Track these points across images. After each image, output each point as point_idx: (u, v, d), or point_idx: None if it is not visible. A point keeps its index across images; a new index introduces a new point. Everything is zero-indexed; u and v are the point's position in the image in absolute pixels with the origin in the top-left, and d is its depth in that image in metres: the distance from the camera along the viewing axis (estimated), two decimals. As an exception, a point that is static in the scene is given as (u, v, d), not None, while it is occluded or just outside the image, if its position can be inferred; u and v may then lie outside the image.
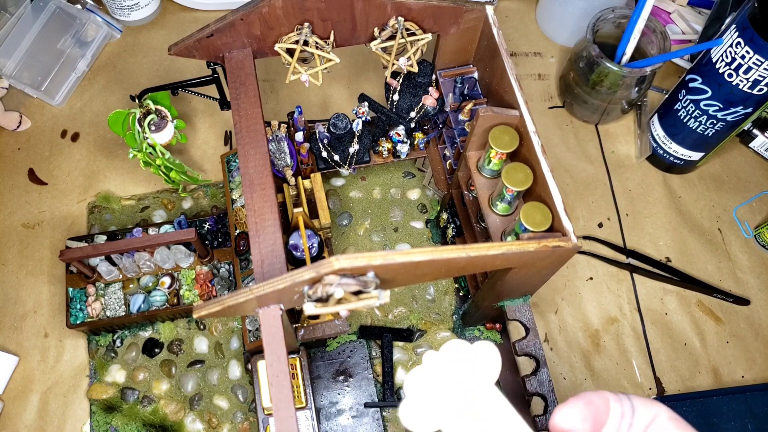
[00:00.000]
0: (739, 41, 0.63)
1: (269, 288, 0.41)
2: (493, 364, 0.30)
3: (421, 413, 0.30)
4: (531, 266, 0.50)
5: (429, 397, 0.30)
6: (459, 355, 0.31)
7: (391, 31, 0.58)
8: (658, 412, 0.28)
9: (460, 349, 0.31)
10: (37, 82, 0.80)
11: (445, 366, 0.31)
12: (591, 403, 0.28)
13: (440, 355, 0.31)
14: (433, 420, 0.30)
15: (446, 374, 0.31)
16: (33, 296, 0.72)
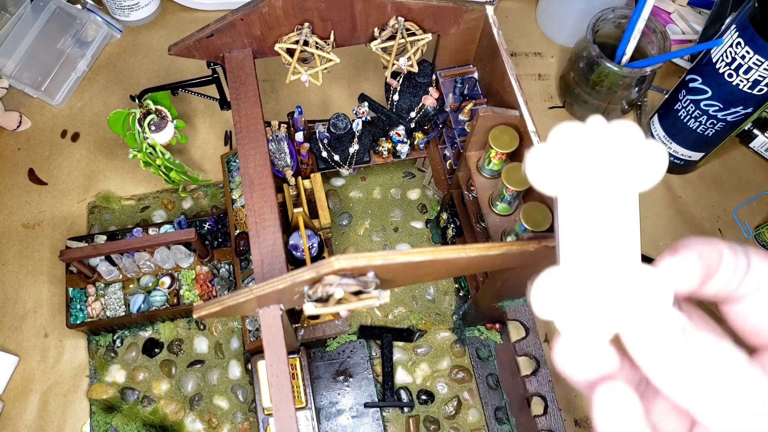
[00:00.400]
0: (739, 41, 0.62)
1: (269, 288, 0.41)
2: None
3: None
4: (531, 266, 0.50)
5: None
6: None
7: (391, 31, 0.58)
8: None
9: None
10: (37, 82, 0.80)
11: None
12: (703, 257, 0.24)
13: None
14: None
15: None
16: (33, 296, 0.72)
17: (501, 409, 0.67)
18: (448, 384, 0.69)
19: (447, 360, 0.70)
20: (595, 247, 0.24)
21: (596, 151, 0.23)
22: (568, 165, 0.23)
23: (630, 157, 0.23)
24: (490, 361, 0.69)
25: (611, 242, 0.24)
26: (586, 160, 0.23)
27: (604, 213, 0.24)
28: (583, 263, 0.24)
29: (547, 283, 0.24)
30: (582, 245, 0.24)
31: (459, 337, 0.71)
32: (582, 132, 0.23)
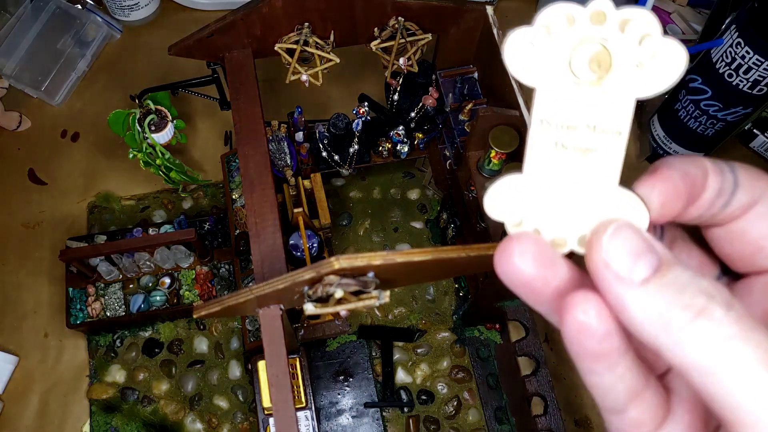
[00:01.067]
0: (739, 41, 0.62)
1: (269, 288, 0.41)
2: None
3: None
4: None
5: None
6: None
7: (391, 31, 0.58)
8: (765, 191, 0.22)
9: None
10: (37, 82, 0.80)
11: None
12: (687, 175, 0.21)
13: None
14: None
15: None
16: (33, 296, 0.72)
17: (501, 409, 0.67)
18: (448, 384, 0.69)
19: (447, 360, 0.70)
20: (569, 157, 0.21)
21: (593, 40, 0.20)
22: (556, 52, 0.20)
23: (636, 53, 0.20)
24: (490, 361, 0.69)
25: (589, 155, 0.21)
26: (577, 50, 0.20)
27: (589, 118, 0.21)
28: (551, 172, 0.21)
29: (505, 188, 0.21)
30: (554, 153, 0.21)
31: (459, 337, 0.71)
32: (578, 17, 0.20)
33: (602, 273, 0.19)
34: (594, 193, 0.21)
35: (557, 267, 0.20)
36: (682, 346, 0.18)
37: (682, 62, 0.19)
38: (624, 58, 0.20)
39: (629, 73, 0.20)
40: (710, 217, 0.22)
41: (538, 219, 0.22)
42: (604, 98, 0.20)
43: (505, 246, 0.20)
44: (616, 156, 0.21)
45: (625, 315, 0.19)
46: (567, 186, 0.21)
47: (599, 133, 0.21)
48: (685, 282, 0.19)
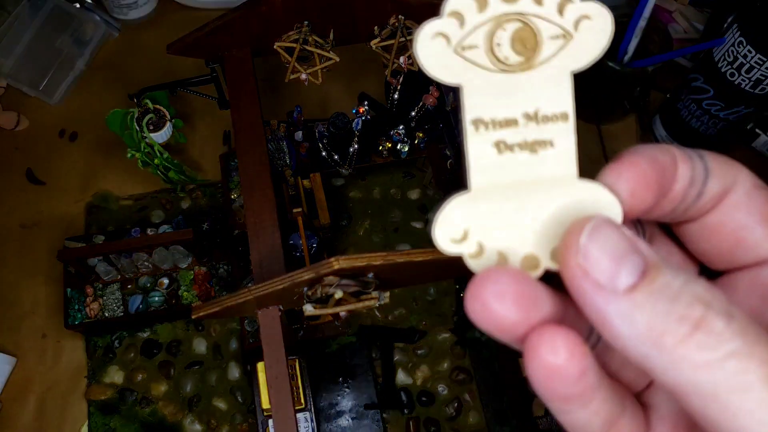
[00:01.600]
0: (741, 40, 0.62)
1: (268, 289, 0.41)
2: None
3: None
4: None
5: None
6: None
7: (391, 30, 0.58)
8: (738, 178, 0.20)
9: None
10: (35, 81, 0.80)
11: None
12: (656, 161, 0.19)
13: None
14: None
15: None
16: (31, 296, 0.71)
17: (502, 411, 0.67)
18: (448, 385, 0.68)
19: (447, 361, 0.69)
20: (516, 158, 0.19)
21: (510, 21, 0.18)
22: (473, 40, 0.18)
23: (559, 23, 0.18)
24: (491, 363, 0.69)
25: (538, 150, 0.19)
26: (496, 33, 0.18)
27: (527, 106, 0.19)
28: (501, 181, 0.19)
29: (454, 214, 0.19)
30: (498, 157, 0.19)
31: (460, 338, 0.70)
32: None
33: (580, 283, 0.17)
34: (555, 193, 0.19)
35: (540, 303, 0.18)
36: (679, 367, 0.15)
37: (608, 24, 0.18)
38: (548, 32, 0.18)
39: (558, 46, 0.18)
40: (683, 211, 0.20)
41: (499, 240, 0.19)
42: (538, 80, 0.19)
43: (477, 288, 0.17)
44: (568, 143, 0.19)
45: (609, 331, 0.16)
46: (523, 193, 0.19)
47: (542, 121, 0.19)
48: (677, 288, 0.16)
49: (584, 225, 0.17)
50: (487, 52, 0.18)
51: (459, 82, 0.18)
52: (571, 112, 0.19)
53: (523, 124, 0.19)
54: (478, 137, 0.19)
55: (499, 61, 0.18)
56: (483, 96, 0.19)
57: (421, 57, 0.18)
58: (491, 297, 0.17)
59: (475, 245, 0.19)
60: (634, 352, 0.16)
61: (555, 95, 0.19)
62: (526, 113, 0.19)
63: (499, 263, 0.19)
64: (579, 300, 0.17)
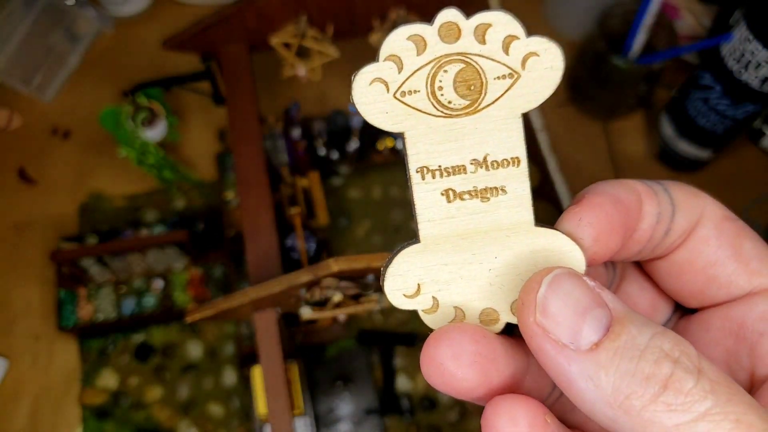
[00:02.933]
0: (748, 37, 0.61)
1: (264, 291, 0.40)
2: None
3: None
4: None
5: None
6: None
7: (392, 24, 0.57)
8: (705, 210, 0.19)
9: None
10: (28, 78, 0.78)
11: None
12: (620, 202, 0.18)
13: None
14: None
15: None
16: (23, 298, 0.70)
17: (505, 416, 0.66)
18: (450, 389, 0.67)
19: (449, 364, 0.68)
20: (467, 207, 0.18)
21: (452, 62, 0.17)
22: (414, 85, 0.17)
23: (505, 62, 0.17)
24: (494, 366, 0.68)
25: (489, 197, 0.18)
26: (438, 76, 0.17)
27: (476, 151, 0.18)
28: (451, 231, 0.18)
29: (404, 266, 0.18)
30: (448, 206, 0.18)
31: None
32: (428, 37, 0.17)
33: (540, 343, 0.15)
34: (510, 242, 0.18)
35: (499, 362, 0.17)
36: (648, 431, 0.14)
37: (557, 60, 0.17)
38: (494, 72, 0.17)
39: (505, 86, 0.17)
40: (650, 250, 0.19)
41: (455, 295, 0.18)
42: (486, 124, 0.17)
43: (432, 349, 0.16)
44: (522, 189, 0.18)
45: (574, 393, 0.15)
46: (477, 243, 0.18)
47: (492, 166, 0.18)
48: (643, 344, 0.15)
49: (541, 280, 0.16)
50: (429, 96, 0.17)
51: (401, 130, 0.18)
52: (523, 156, 0.18)
53: (471, 170, 0.18)
54: (425, 186, 0.18)
55: (442, 105, 0.17)
56: (427, 143, 0.18)
57: (359, 104, 0.18)
58: (447, 358, 0.16)
59: (429, 300, 0.18)
60: (601, 415, 0.15)
61: (505, 139, 0.18)
62: (474, 159, 0.18)
63: (457, 318, 0.18)
64: (540, 359, 0.16)
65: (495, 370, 0.16)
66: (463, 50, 0.17)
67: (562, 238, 0.18)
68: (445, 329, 0.17)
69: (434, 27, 0.17)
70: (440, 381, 0.16)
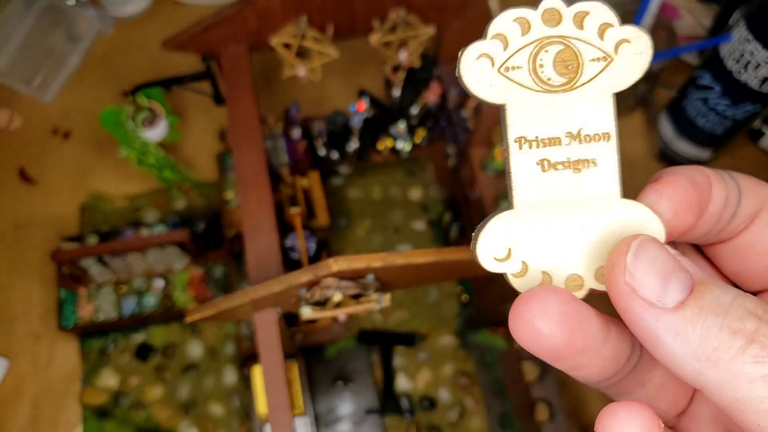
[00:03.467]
0: (748, 37, 0.62)
1: (265, 291, 0.40)
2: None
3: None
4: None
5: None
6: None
7: (392, 25, 0.57)
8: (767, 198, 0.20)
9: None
10: (28, 79, 0.78)
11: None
12: (695, 182, 0.19)
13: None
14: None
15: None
16: (24, 298, 0.70)
17: (506, 416, 0.66)
18: (451, 390, 0.67)
19: (450, 365, 0.68)
20: (560, 177, 0.19)
21: (553, 43, 0.19)
22: (517, 61, 0.19)
23: (600, 46, 0.19)
24: (495, 367, 0.68)
25: (582, 168, 0.19)
26: (539, 55, 0.19)
27: (570, 125, 0.19)
28: (544, 199, 0.19)
29: (498, 232, 0.19)
30: (542, 175, 0.19)
31: (462, 342, 0.69)
32: (532, 20, 0.19)
33: (628, 302, 0.16)
34: (598, 212, 0.19)
35: (584, 324, 0.18)
36: (735, 382, 0.15)
37: (647, 47, 0.19)
38: (590, 54, 0.19)
39: (599, 68, 0.19)
40: (717, 233, 0.20)
41: (543, 259, 0.19)
42: (581, 100, 0.19)
43: (522, 307, 0.17)
44: (611, 163, 0.19)
45: (660, 349, 0.16)
46: (567, 212, 0.19)
47: (585, 140, 0.19)
48: (728, 303, 0.16)
49: (630, 244, 0.17)
50: (530, 72, 0.19)
51: (503, 102, 0.19)
52: (614, 132, 0.19)
53: (566, 142, 0.19)
54: (522, 155, 0.19)
55: (542, 81, 0.19)
56: (526, 115, 0.19)
57: (466, 77, 0.19)
58: (536, 317, 0.17)
59: (519, 264, 0.19)
60: (688, 369, 0.16)
61: (597, 115, 0.19)
62: (569, 132, 0.19)
63: (543, 282, 0.19)
64: (628, 319, 0.17)
65: (579, 331, 0.17)
66: (564, 33, 0.19)
67: (645, 210, 0.19)
68: (535, 290, 0.18)
69: (538, 11, 0.19)
70: (528, 337, 0.17)
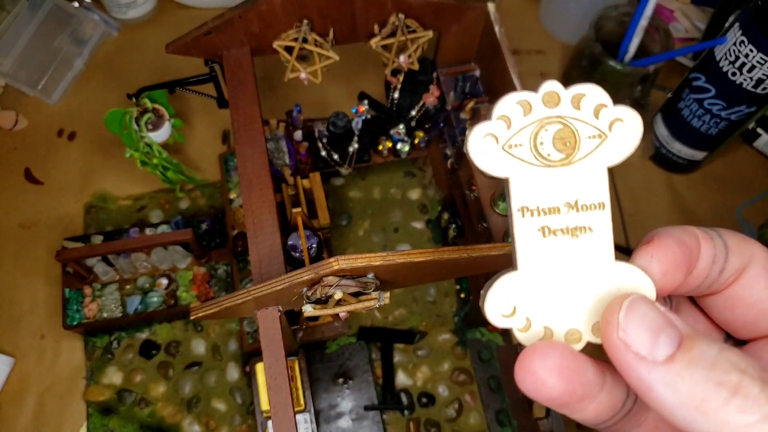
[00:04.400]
0: (742, 39, 0.62)
1: (267, 289, 0.41)
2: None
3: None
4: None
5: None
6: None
7: (392, 28, 0.58)
8: (754, 254, 0.22)
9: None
10: (34, 81, 0.79)
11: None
12: (683, 243, 0.21)
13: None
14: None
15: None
16: (29, 297, 0.71)
17: (502, 412, 0.67)
18: (449, 386, 0.68)
19: (448, 362, 0.69)
20: (559, 242, 0.21)
21: (552, 123, 0.21)
22: (520, 140, 0.21)
23: (595, 125, 0.21)
24: (492, 364, 0.69)
25: (579, 234, 0.21)
26: (540, 133, 0.21)
27: (568, 196, 0.21)
28: (545, 262, 0.21)
29: (504, 291, 0.21)
30: (543, 241, 0.21)
31: (460, 339, 0.70)
32: (533, 102, 0.21)
33: (622, 355, 0.18)
34: (594, 273, 0.21)
35: (584, 375, 0.19)
36: (722, 430, 0.16)
37: (638, 125, 0.21)
38: (586, 132, 0.21)
39: (594, 144, 0.21)
40: (707, 286, 0.22)
41: (545, 316, 0.21)
42: (577, 174, 0.21)
43: (527, 361, 0.19)
44: (605, 229, 0.21)
45: (653, 399, 0.18)
46: (565, 272, 0.21)
47: (582, 209, 0.21)
48: (713, 356, 0.17)
49: (622, 303, 0.19)
50: (531, 149, 0.21)
51: (507, 175, 0.21)
52: (608, 201, 0.21)
53: (564, 211, 0.21)
54: (525, 222, 0.21)
55: (542, 157, 0.21)
56: (528, 187, 0.21)
57: (473, 153, 0.21)
58: (539, 369, 0.19)
59: (523, 320, 0.21)
60: (679, 417, 0.17)
61: (593, 187, 0.21)
62: (567, 202, 0.21)
63: (545, 337, 0.21)
64: (622, 370, 0.18)
65: (578, 382, 0.19)
66: (562, 114, 0.21)
67: (637, 271, 0.21)
68: (538, 345, 0.20)
69: (539, 94, 0.21)
70: (532, 387, 0.19)
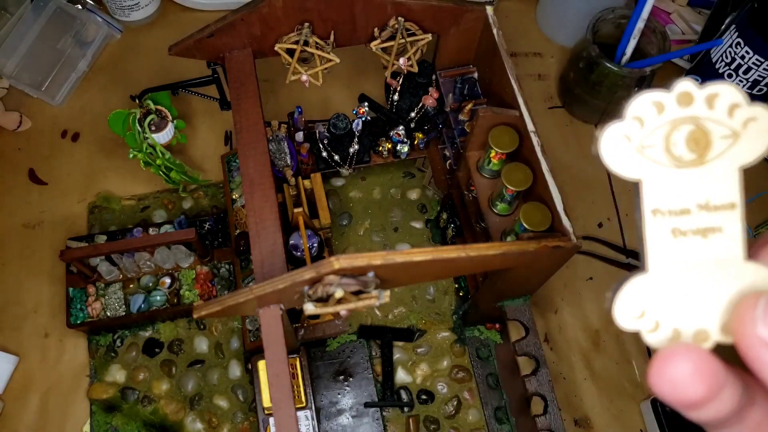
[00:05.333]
0: (738, 41, 0.63)
1: (269, 288, 0.41)
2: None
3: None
4: (531, 266, 0.50)
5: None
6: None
7: (391, 31, 0.58)
8: None
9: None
10: (38, 82, 0.80)
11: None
12: None
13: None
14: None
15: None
16: (33, 296, 0.72)
17: (501, 409, 0.67)
18: (448, 384, 0.69)
19: (447, 360, 0.70)
20: (690, 243, 0.21)
21: (685, 123, 0.20)
22: (652, 140, 0.20)
23: (728, 125, 0.20)
24: (490, 361, 0.70)
25: (709, 235, 0.21)
26: (672, 134, 0.20)
27: (699, 197, 0.20)
28: (675, 264, 0.21)
29: (633, 293, 0.21)
30: (674, 242, 0.21)
31: (459, 337, 0.71)
32: (666, 102, 0.20)
33: (759, 352, 0.18)
34: (724, 273, 0.21)
35: (720, 375, 0.18)
36: None
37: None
38: (719, 132, 0.20)
39: (727, 144, 0.20)
40: None
41: (674, 317, 0.21)
42: (709, 174, 0.20)
43: (663, 364, 0.18)
44: (735, 229, 0.21)
45: None
46: (695, 273, 0.21)
47: (713, 210, 0.21)
48: None
49: (758, 299, 0.18)
50: (663, 150, 0.20)
51: (639, 177, 0.21)
52: (739, 202, 0.21)
53: (695, 212, 0.21)
54: (656, 224, 0.21)
55: (674, 158, 0.21)
56: (660, 189, 0.21)
57: (606, 155, 0.21)
58: (680, 373, 0.18)
59: (652, 322, 0.21)
60: None
61: (724, 188, 0.21)
62: (698, 203, 0.21)
63: (674, 338, 0.21)
64: (757, 368, 0.18)
65: (715, 384, 0.18)
66: (695, 114, 0.20)
67: (766, 270, 0.21)
68: (675, 348, 0.19)
69: (672, 94, 0.20)
70: (669, 391, 0.18)
